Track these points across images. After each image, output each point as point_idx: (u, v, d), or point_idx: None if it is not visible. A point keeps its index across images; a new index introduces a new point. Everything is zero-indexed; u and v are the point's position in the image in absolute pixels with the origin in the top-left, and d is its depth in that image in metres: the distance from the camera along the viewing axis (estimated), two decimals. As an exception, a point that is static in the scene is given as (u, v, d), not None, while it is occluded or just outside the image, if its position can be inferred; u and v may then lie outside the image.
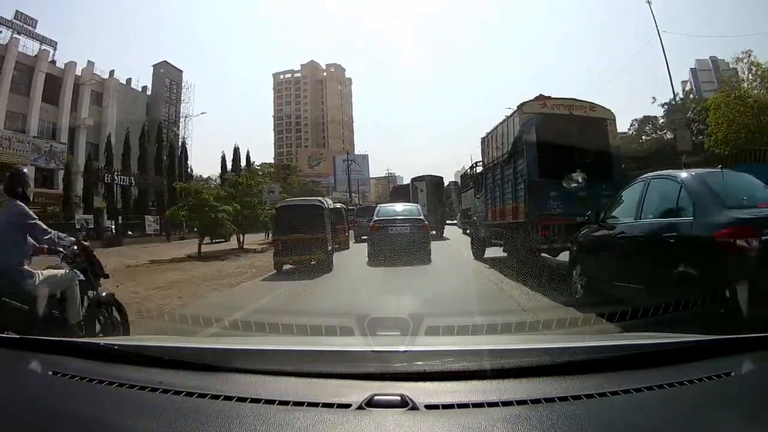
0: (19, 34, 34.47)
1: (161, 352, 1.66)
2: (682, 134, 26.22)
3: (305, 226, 11.30)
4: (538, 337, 3.49)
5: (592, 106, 9.10)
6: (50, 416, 1.31)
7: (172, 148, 42.93)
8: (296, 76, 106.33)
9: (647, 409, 1.24)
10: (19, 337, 1.99)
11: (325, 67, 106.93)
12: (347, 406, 1.22)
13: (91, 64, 40.32)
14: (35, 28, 35.86)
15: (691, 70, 60.40)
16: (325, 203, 13.66)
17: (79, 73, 38.75)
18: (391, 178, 76.24)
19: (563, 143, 8.34)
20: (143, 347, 1.78)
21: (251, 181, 21.62)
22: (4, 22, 33.47)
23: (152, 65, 50.31)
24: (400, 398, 1.24)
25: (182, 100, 50.40)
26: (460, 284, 8.91)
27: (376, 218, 13.32)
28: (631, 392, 1.28)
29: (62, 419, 1.30)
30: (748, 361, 1.45)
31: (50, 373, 1.56)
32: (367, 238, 13.95)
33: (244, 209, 19.75)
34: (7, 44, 33.23)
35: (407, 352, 1.65)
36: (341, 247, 17.30)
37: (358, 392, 1.27)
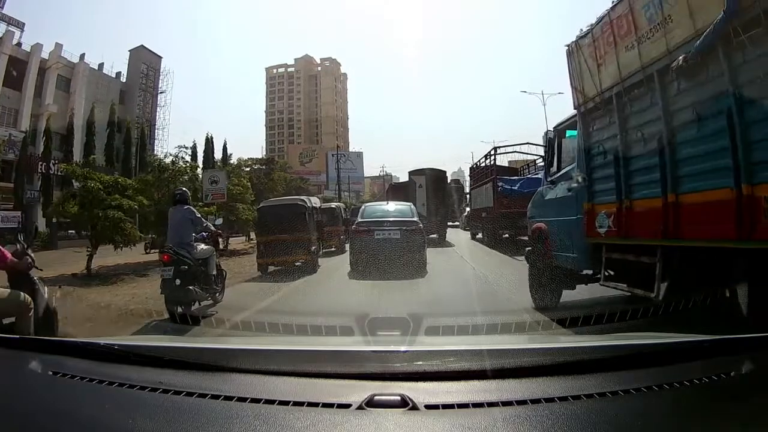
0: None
1: (161, 352, 1.66)
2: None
3: (287, 226, 10.82)
4: (538, 337, 3.50)
5: None
6: (50, 416, 1.31)
7: (128, 136, 38.17)
8: (290, 70, 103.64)
9: (647, 409, 1.24)
10: (19, 337, 1.99)
11: (319, 61, 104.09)
12: (347, 406, 1.23)
13: (59, 46, 36.73)
14: (2, 8, 32.99)
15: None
16: (307, 202, 12.57)
17: (46, 56, 35.51)
18: (386, 177, 74.34)
19: None
20: (143, 347, 1.78)
21: (179, 167, 15.98)
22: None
23: (129, 50, 45.92)
24: (400, 398, 1.24)
25: (160, 88, 46.36)
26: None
27: (359, 220, 11.18)
28: (631, 392, 1.28)
29: (62, 419, 1.30)
30: (748, 361, 1.45)
31: (50, 373, 1.56)
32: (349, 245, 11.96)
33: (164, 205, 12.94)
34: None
35: (407, 352, 1.65)
36: (337, 251, 15.96)
37: (358, 392, 1.27)
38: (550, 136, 6.40)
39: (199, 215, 7.21)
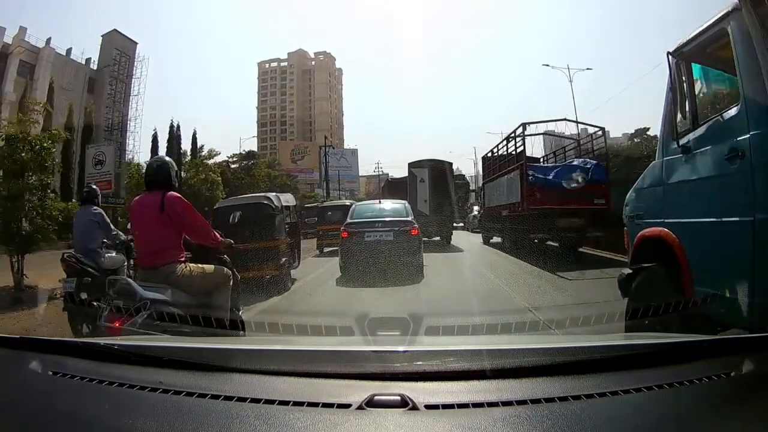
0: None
1: (161, 352, 1.66)
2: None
3: (248, 232, 8.53)
4: (538, 337, 3.50)
5: None
6: (50, 416, 1.31)
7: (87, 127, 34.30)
8: (282, 65, 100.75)
9: (647, 409, 1.24)
10: (19, 337, 1.99)
11: (313, 55, 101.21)
12: (347, 406, 1.23)
13: (23, 30, 34.01)
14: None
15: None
16: (275, 201, 9.74)
17: (10, 40, 33.01)
18: (382, 176, 72.10)
19: None
20: (143, 347, 1.78)
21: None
22: None
23: (101, 35, 41.34)
24: (400, 398, 1.24)
25: (134, 75, 41.28)
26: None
27: (349, 221, 10.34)
28: (631, 392, 1.28)
29: (62, 419, 1.30)
30: (748, 361, 1.45)
31: (50, 373, 1.56)
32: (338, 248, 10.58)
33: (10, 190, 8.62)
34: None
35: (407, 352, 1.65)
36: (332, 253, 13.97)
37: (358, 392, 1.27)
38: (671, 63, 3.44)
39: (107, 219, 6.33)
